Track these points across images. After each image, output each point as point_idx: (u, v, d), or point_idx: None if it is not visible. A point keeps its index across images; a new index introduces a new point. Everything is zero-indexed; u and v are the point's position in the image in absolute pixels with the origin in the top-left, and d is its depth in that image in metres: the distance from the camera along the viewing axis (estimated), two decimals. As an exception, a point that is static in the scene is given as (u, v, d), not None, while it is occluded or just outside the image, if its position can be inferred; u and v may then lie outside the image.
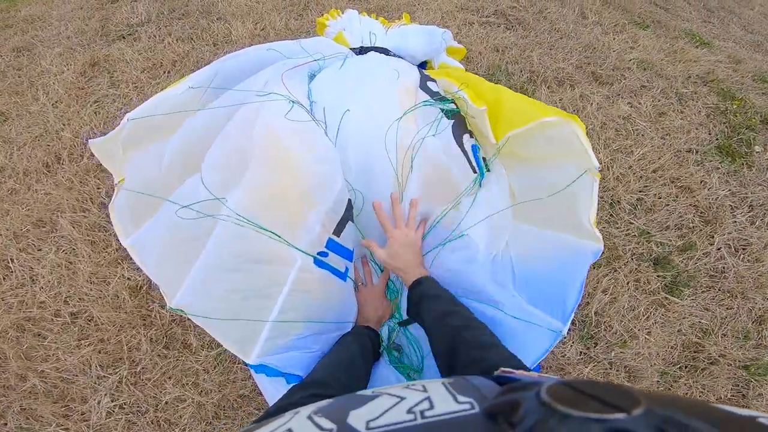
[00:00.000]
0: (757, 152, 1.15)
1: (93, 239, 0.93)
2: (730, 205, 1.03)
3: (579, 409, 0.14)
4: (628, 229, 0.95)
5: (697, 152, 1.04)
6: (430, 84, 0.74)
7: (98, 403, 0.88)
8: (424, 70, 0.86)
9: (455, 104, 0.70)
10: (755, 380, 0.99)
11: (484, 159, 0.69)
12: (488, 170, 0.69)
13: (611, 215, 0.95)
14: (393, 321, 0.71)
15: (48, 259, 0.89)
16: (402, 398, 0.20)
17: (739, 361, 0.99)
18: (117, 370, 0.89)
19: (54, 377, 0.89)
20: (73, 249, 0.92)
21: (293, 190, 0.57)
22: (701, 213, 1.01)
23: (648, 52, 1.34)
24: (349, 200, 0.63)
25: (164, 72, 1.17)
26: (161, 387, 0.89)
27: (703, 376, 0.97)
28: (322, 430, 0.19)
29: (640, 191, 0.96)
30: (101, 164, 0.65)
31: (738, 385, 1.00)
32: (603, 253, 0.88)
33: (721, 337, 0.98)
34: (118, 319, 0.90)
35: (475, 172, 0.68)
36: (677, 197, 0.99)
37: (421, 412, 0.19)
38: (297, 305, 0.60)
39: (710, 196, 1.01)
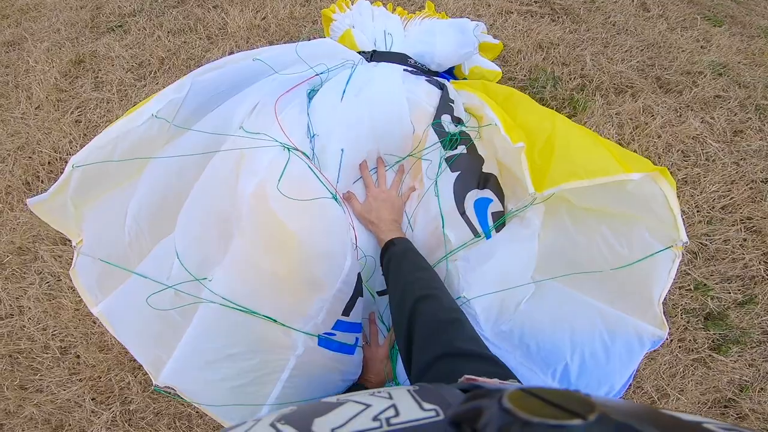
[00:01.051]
0: None
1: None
2: (806, 252, 0.87)
3: (539, 416, 0.14)
4: (683, 282, 0.82)
5: (775, 184, 0.86)
6: (452, 105, 0.60)
7: None
8: (449, 81, 0.70)
9: (465, 143, 0.57)
10: None
11: (500, 214, 0.56)
12: (502, 226, 0.56)
13: (664, 264, 0.81)
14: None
15: (33, 290, 0.84)
16: (367, 405, 0.20)
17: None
18: (110, 407, 0.87)
19: (50, 408, 0.88)
20: (57, 282, 0.86)
21: (294, 275, 0.47)
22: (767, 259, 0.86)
23: (724, 54, 1.09)
24: (359, 275, 0.52)
25: (150, 72, 1.04)
26: (155, 427, 0.88)
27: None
28: None
29: (704, 235, 0.82)
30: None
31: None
32: None
33: (758, 391, 0.87)
34: (105, 360, 0.87)
35: (477, 234, 0.55)
36: (745, 242, 0.84)
37: (387, 420, 0.19)
38: (297, 386, 0.54)
39: (783, 240, 0.85)
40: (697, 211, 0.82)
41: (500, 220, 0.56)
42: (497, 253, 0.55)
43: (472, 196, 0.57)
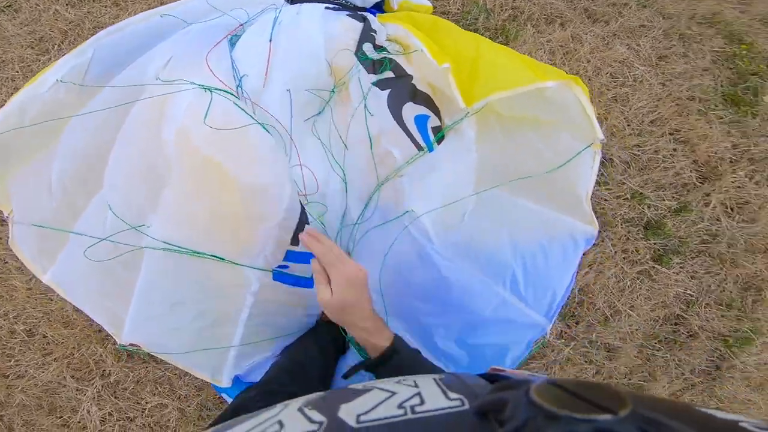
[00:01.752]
0: (764, 102, 1.03)
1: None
2: (730, 159, 0.92)
3: (566, 409, 0.14)
4: (620, 191, 0.83)
5: (700, 101, 0.91)
6: (374, 35, 0.60)
7: (88, 412, 0.88)
8: (375, 16, 0.68)
9: (393, 71, 0.57)
10: (731, 352, 0.95)
11: (438, 128, 0.57)
12: (442, 138, 0.57)
13: (602, 175, 0.82)
14: None
15: None
16: (393, 393, 0.20)
17: (719, 333, 0.94)
18: (92, 382, 0.88)
19: (36, 392, 0.89)
20: (5, 265, 0.87)
21: (234, 211, 0.46)
22: (699, 168, 0.90)
23: (649, -15, 1.14)
24: (301, 204, 0.51)
25: (54, 46, 0.97)
26: (139, 396, 0.88)
27: (681, 350, 0.92)
28: (313, 423, 0.18)
29: (635, 146, 0.84)
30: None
31: (713, 358, 0.97)
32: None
33: (704, 307, 0.91)
34: (72, 335, 0.87)
35: (420, 149, 0.56)
36: (675, 152, 0.87)
37: (412, 408, 0.18)
38: (261, 325, 0.55)
39: (710, 149, 0.90)
40: (628, 125, 0.84)
41: (440, 134, 0.57)
42: (439, 165, 0.56)
43: (410, 111, 0.56)
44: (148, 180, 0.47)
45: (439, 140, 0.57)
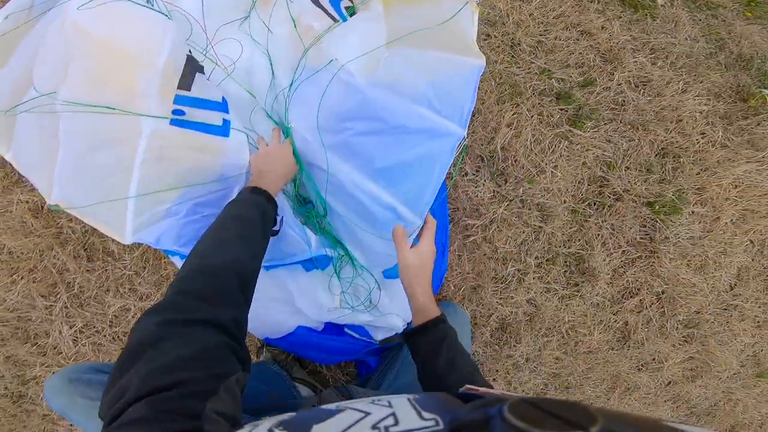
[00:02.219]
0: (661, 5, 1.19)
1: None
2: (632, 48, 1.07)
3: (539, 427, 0.14)
4: (529, 68, 0.98)
5: (599, 1, 1.07)
6: None
7: (60, 333, 0.92)
8: None
9: None
10: (660, 220, 1.04)
11: (350, 6, 0.73)
12: (354, 13, 0.73)
13: (512, 56, 0.98)
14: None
15: None
16: (367, 413, 0.20)
17: (643, 197, 1.04)
18: (58, 296, 0.92)
19: (9, 318, 0.92)
20: None
21: (117, 63, 0.58)
22: (602, 54, 1.04)
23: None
24: (190, 54, 0.63)
25: None
26: (103, 301, 0.92)
27: (610, 214, 1.02)
28: None
29: (540, 35, 0.99)
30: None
31: (645, 227, 1.05)
32: (505, 90, 0.92)
33: (625, 170, 1.02)
34: (32, 244, 0.90)
35: (335, 20, 0.71)
36: (578, 40, 1.03)
37: (386, 428, 0.18)
38: (159, 174, 0.61)
39: (611, 40, 1.05)
40: (533, 20, 1.01)
41: (351, 9, 0.73)
42: (354, 28, 0.71)
43: None
44: (61, 64, 0.58)
45: (352, 15, 0.72)
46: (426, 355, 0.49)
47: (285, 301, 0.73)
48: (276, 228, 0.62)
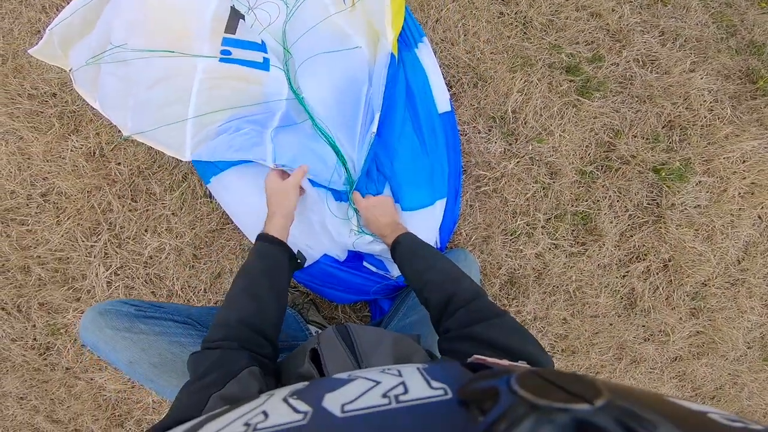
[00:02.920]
0: (671, -7, 1.27)
1: (34, 125, 0.99)
2: (641, 30, 1.15)
3: (546, 398, 0.15)
4: (540, 44, 1.08)
5: (608, -11, 1.17)
6: None
7: (96, 276, 0.98)
8: None
9: None
10: (667, 187, 1.09)
11: None
12: None
13: (524, 32, 1.09)
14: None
15: (1, 151, 0.99)
16: (377, 382, 0.21)
17: (650, 164, 1.10)
18: (99, 236, 0.98)
19: (51, 260, 0.98)
20: (21, 138, 0.98)
21: (174, 15, 0.73)
22: (611, 34, 1.13)
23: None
24: (233, 7, 0.78)
25: None
26: (141, 241, 0.98)
27: (617, 177, 1.09)
28: (298, 413, 0.19)
29: (551, 14, 1.10)
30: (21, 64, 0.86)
31: (652, 193, 1.11)
32: (517, 61, 1.04)
33: (632, 138, 1.09)
34: (82, 185, 0.98)
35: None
36: (588, 20, 1.12)
37: (396, 397, 0.19)
38: (212, 99, 0.75)
39: (620, 21, 1.14)
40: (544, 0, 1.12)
41: None
42: None
43: None
44: (127, 19, 0.71)
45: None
46: (404, 257, 0.64)
47: (318, 222, 0.85)
48: (300, 261, 0.70)
